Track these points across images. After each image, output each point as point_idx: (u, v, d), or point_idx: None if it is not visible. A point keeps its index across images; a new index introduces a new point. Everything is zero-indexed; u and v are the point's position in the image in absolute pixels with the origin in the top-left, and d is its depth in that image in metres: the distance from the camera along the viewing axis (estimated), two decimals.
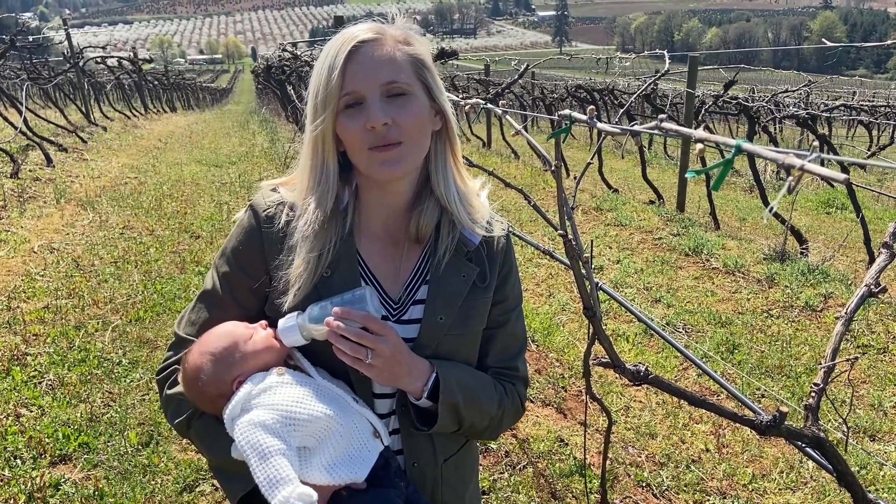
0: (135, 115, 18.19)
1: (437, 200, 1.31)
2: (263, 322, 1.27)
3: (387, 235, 1.34)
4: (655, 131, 0.69)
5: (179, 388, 1.28)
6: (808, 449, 1.96)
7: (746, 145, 0.54)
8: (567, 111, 0.91)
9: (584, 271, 1.08)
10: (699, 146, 0.58)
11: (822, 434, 1.25)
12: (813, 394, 1.28)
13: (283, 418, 1.13)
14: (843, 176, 0.47)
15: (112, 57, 17.04)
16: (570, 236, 1.04)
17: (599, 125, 0.82)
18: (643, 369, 1.18)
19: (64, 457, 3.01)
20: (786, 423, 1.24)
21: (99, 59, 16.03)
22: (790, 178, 0.48)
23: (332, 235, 1.26)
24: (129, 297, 4.90)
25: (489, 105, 1.46)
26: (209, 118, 23.23)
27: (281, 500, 1.06)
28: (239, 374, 1.20)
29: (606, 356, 1.26)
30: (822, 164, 0.51)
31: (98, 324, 4.40)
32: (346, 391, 1.25)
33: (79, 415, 3.32)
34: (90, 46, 15.62)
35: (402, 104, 1.19)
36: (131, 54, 18.69)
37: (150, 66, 27.60)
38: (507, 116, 1.29)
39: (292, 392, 1.17)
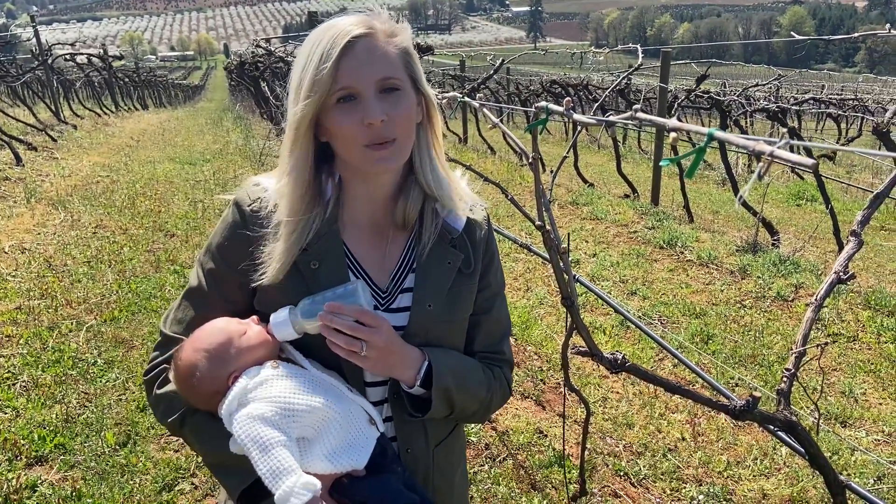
0: (105, 113, 17.94)
1: (420, 188, 1.33)
2: (255, 317, 1.28)
3: (372, 226, 1.35)
4: (630, 122, 0.71)
5: (171, 387, 1.27)
6: (780, 433, 2.00)
7: (718, 133, 0.55)
8: (543, 103, 0.93)
9: (561, 262, 1.10)
10: (673, 135, 0.60)
11: (793, 418, 1.28)
12: (785, 379, 1.31)
13: (281, 410, 1.14)
14: (811, 161, 0.49)
15: (81, 54, 16.74)
16: (548, 228, 1.05)
17: (576, 116, 0.84)
18: (620, 357, 1.21)
19: (40, 458, 2.97)
20: (759, 408, 1.27)
21: (68, 57, 15.75)
22: (760, 163, 0.50)
23: (314, 219, 1.26)
24: (103, 296, 4.84)
25: (467, 98, 1.47)
26: (182, 116, 22.96)
27: (285, 490, 1.07)
28: (234, 370, 1.20)
29: (585, 346, 1.29)
30: (792, 151, 0.53)
31: (72, 324, 4.35)
32: (340, 381, 1.26)
33: (54, 416, 3.28)
34: (59, 44, 15.31)
35: (396, 100, 1.21)
36: (101, 51, 18.40)
37: (120, 63, 27.21)
38: (485, 109, 1.31)
39: (288, 384, 1.18)
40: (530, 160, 1.04)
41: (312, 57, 1.18)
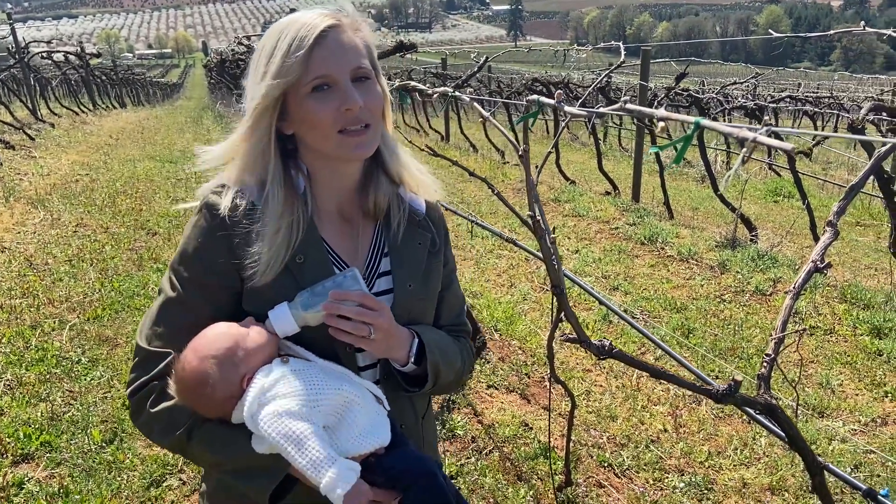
0: (83, 112, 17.75)
1: (386, 175, 1.38)
2: (250, 318, 1.27)
3: (340, 215, 1.38)
4: (620, 112, 0.75)
5: (168, 404, 1.23)
6: (760, 417, 2.06)
7: (705, 122, 0.59)
8: (535, 96, 0.96)
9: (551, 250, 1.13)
10: (661, 124, 0.64)
11: (773, 401, 1.33)
12: (765, 364, 1.36)
13: (305, 402, 1.16)
14: (789, 146, 0.52)
15: (59, 51, 16.52)
16: (538, 217, 1.09)
17: (566, 108, 0.87)
18: (607, 344, 1.25)
19: (26, 456, 2.97)
20: (740, 392, 1.31)
21: (45, 54, 15.55)
22: (744, 149, 0.54)
23: (296, 215, 1.27)
24: (85, 295, 4.82)
25: (457, 93, 1.50)
26: (160, 114, 22.78)
27: (331, 477, 1.11)
28: (246, 371, 1.19)
29: (572, 334, 1.32)
30: (776, 137, 0.57)
31: (54, 323, 4.33)
32: (344, 368, 1.29)
33: (39, 414, 3.27)
34: (35, 41, 15.13)
35: (368, 88, 1.25)
36: (78, 49, 18.18)
37: (97, 60, 26.92)
38: (475, 104, 1.34)
39: (305, 376, 1.20)
40: (520, 152, 1.07)
41: (280, 46, 1.19)
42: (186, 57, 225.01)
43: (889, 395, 3.80)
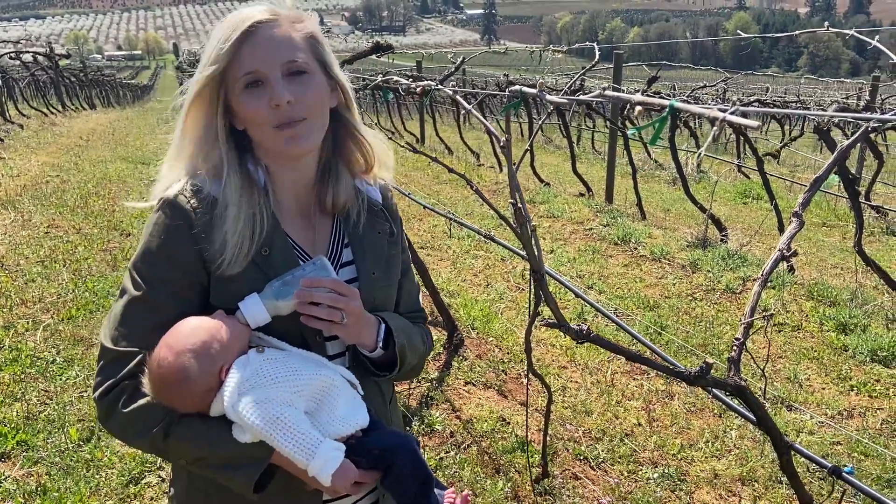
0: (52, 113, 17.48)
1: (347, 167, 1.40)
2: (220, 311, 1.26)
3: (299, 209, 1.39)
4: (600, 99, 0.79)
5: (143, 402, 1.21)
6: (730, 400, 2.13)
7: (679, 104, 0.64)
8: (517, 87, 1.01)
9: (531, 237, 1.18)
10: (638, 108, 0.68)
11: (742, 383, 1.39)
12: (734, 348, 1.42)
13: (287, 388, 1.18)
14: (755, 123, 0.57)
15: (27, 52, 16.28)
16: (519, 205, 1.14)
17: (548, 97, 0.92)
18: (585, 328, 1.30)
19: (2, 455, 2.95)
20: (710, 374, 1.37)
21: (13, 55, 15.31)
22: (714, 128, 0.59)
23: (258, 207, 1.28)
24: (59, 295, 4.77)
25: (440, 86, 1.55)
26: (131, 115, 22.52)
27: (319, 458, 1.14)
28: (224, 363, 1.20)
29: (551, 319, 1.37)
30: (746, 116, 0.62)
31: (28, 323, 4.29)
32: (316, 355, 1.31)
33: (14, 413, 3.25)
34: (2, 41, 14.91)
35: (303, 82, 1.25)
36: (47, 49, 17.91)
37: (66, 61, 26.53)
38: (457, 96, 1.38)
39: (283, 364, 1.22)
40: (502, 143, 1.12)
41: (213, 36, 1.23)
42: (157, 58, 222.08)
43: (854, 388, 3.91)
